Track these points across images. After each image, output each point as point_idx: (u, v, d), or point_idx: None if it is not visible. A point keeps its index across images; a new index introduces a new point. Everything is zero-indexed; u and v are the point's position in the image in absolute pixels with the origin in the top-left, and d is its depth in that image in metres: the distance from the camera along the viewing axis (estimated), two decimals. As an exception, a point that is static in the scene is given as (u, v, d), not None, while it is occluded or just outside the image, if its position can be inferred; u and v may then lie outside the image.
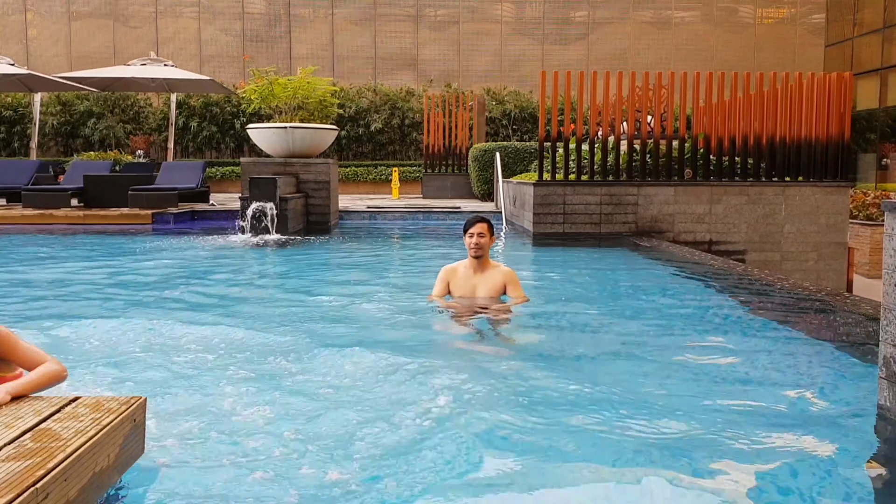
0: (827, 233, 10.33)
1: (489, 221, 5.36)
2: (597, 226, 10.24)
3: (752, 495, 2.34)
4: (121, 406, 2.37)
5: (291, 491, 2.34)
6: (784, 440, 2.82)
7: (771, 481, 2.44)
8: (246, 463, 2.58)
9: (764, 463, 2.59)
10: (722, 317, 5.27)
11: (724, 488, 2.40)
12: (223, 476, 2.45)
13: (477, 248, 5.27)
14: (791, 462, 2.60)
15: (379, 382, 3.56)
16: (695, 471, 2.51)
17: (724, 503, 2.28)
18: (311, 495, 2.33)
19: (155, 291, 6.28)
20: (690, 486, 2.39)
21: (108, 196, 13.25)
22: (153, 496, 2.32)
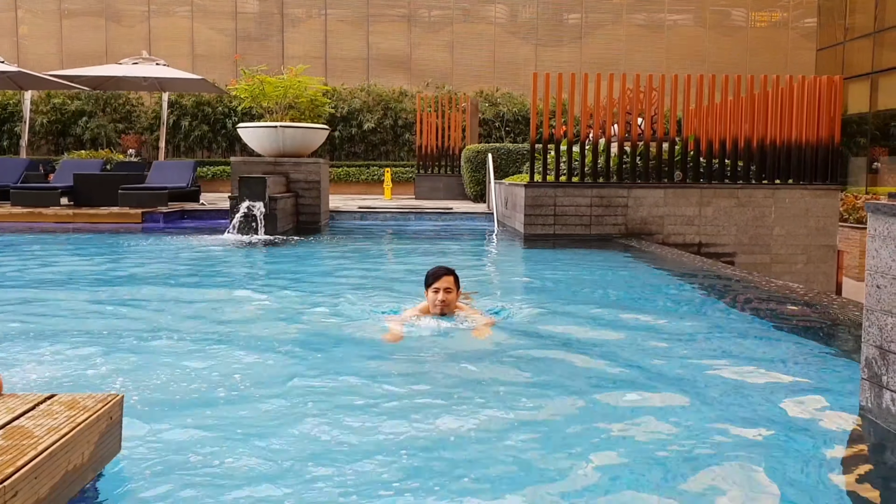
0: (816, 236, 10.36)
1: (455, 273, 4.69)
2: (587, 227, 10.24)
3: (730, 494, 2.33)
4: (97, 403, 2.35)
5: (269, 491, 2.32)
6: (765, 440, 2.81)
7: (750, 480, 2.44)
8: (224, 463, 2.56)
9: (744, 462, 2.58)
10: (707, 318, 5.28)
11: (701, 488, 2.39)
12: (200, 475, 2.43)
13: (443, 306, 4.57)
14: (771, 462, 2.60)
15: (357, 384, 3.55)
16: (672, 471, 2.50)
17: (700, 500, 2.27)
18: (290, 493, 2.31)
19: (139, 290, 6.25)
20: (668, 485, 2.39)
21: (98, 195, 13.19)
22: (129, 494, 2.30)
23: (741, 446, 2.75)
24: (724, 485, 2.41)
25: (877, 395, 2.94)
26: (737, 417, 3.07)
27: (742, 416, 3.07)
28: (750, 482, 2.44)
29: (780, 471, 2.53)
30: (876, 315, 2.93)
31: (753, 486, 2.41)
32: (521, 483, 2.41)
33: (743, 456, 2.64)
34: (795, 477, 2.48)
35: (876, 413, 2.94)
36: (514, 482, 2.42)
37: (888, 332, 2.86)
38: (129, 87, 19.34)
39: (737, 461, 2.59)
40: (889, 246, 2.86)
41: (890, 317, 2.85)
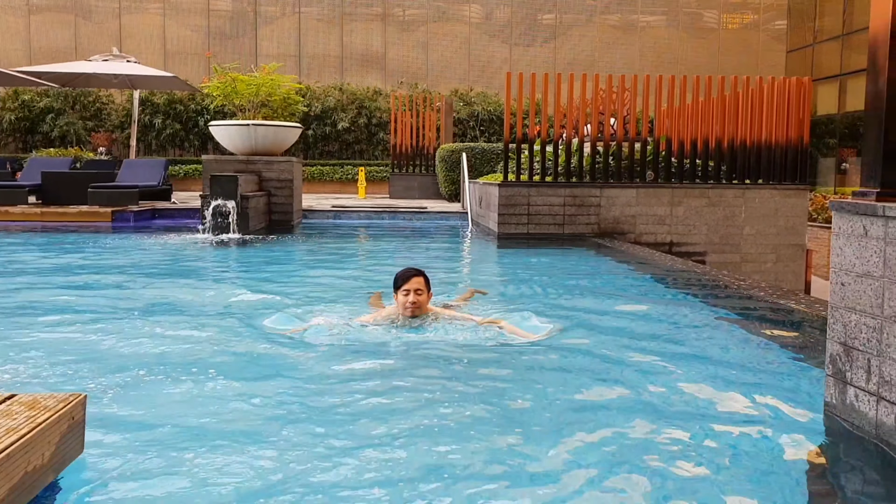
0: (786, 235, 10.49)
1: (425, 275, 4.58)
2: (560, 227, 10.28)
3: (693, 491, 2.35)
4: (58, 403, 2.31)
5: (235, 492, 2.30)
6: (729, 436, 2.84)
7: (714, 477, 2.45)
8: (187, 465, 2.53)
9: (708, 459, 2.60)
10: (676, 316, 5.31)
11: (665, 485, 2.40)
12: (163, 476, 2.40)
13: (414, 308, 4.47)
14: (735, 459, 2.62)
15: (329, 384, 3.53)
16: (636, 467, 2.51)
17: (665, 500, 2.28)
18: (255, 493, 2.29)
19: (106, 289, 6.17)
20: (632, 483, 2.39)
21: (67, 193, 13.01)
22: (91, 495, 2.26)
23: (704, 443, 2.77)
24: (685, 482, 2.43)
25: (841, 391, 2.97)
26: (700, 414, 3.09)
27: (706, 413, 3.09)
28: (712, 479, 2.45)
29: (743, 467, 2.55)
30: (840, 312, 2.97)
31: (715, 483, 2.43)
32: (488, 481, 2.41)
33: (706, 453, 2.66)
34: (759, 473, 2.50)
35: (840, 409, 2.97)
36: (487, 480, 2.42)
37: (852, 328, 2.89)
38: (99, 85, 19.09)
39: (700, 458, 2.61)
40: (853, 244, 2.90)
41: (854, 314, 2.88)
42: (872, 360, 2.78)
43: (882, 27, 2.96)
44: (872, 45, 2.99)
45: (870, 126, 2.99)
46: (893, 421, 2.68)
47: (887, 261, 2.71)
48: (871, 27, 3.00)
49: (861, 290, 2.84)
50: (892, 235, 2.69)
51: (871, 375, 2.79)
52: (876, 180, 2.93)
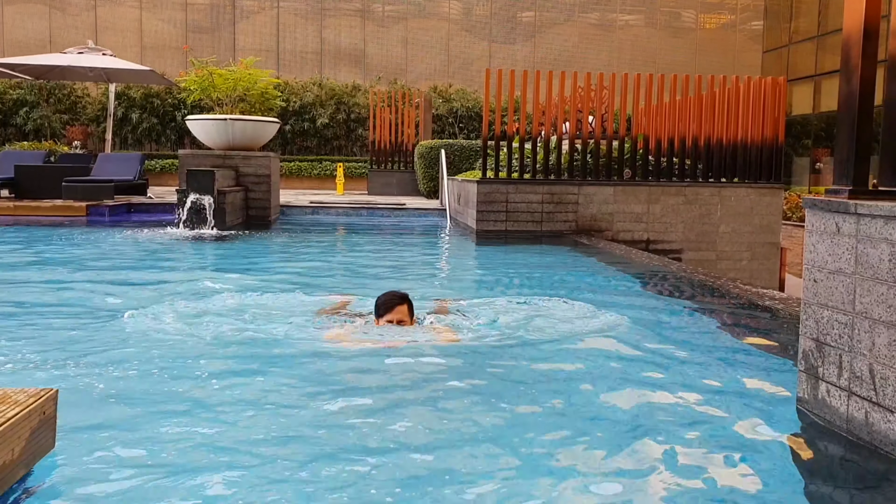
0: (760, 233, 10.60)
1: (409, 300, 4.15)
2: (538, 224, 10.31)
3: (665, 488, 2.36)
4: (29, 398, 2.28)
5: (209, 487, 2.28)
6: (701, 432, 2.86)
7: (686, 474, 2.47)
8: (160, 460, 2.51)
9: (680, 456, 2.62)
10: (650, 312, 5.35)
11: (637, 482, 2.42)
12: (136, 472, 2.37)
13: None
14: (706, 453, 2.64)
15: (298, 382, 3.51)
16: (609, 465, 2.53)
17: (635, 496, 2.30)
18: (230, 488, 2.27)
19: (79, 284, 6.10)
20: (606, 480, 2.41)
21: (40, 187, 12.84)
22: (63, 490, 2.24)
23: (676, 437, 2.79)
24: (658, 478, 2.45)
25: (813, 386, 3.01)
26: (671, 410, 3.11)
27: (678, 410, 3.12)
28: (682, 473, 2.47)
29: (715, 462, 2.57)
30: (813, 308, 3.01)
31: (684, 476, 2.45)
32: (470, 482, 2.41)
33: (676, 450, 2.68)
34: (729, 469, 2.52)
35: (812, 404, 3.01)
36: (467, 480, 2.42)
37: (824, 324, 2.93)
38: (74, 78, 18.85)
39: (670, 455, 2.63)
40: (825, 241, 2.94)
41: (826, 310, 2.92)
42: (844, 355, 2.82)
43: (855, 28, 2.99)
44: (845, 45, 3.03)
45: (843, 125, 3.02)
46: (864, 416, 2.71)
47: (859, 258, 2.74)
48: (844, 28, 3.03)
49: (833, 287, 2.88)
50: (864, 233, 2.72)
51: (842, 371, 2.83)
52: (848, 178, 2.97)
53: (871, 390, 2.67)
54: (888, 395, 2.59)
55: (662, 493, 2.35)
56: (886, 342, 2.59)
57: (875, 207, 2.68)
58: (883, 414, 2.62)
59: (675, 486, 2.37)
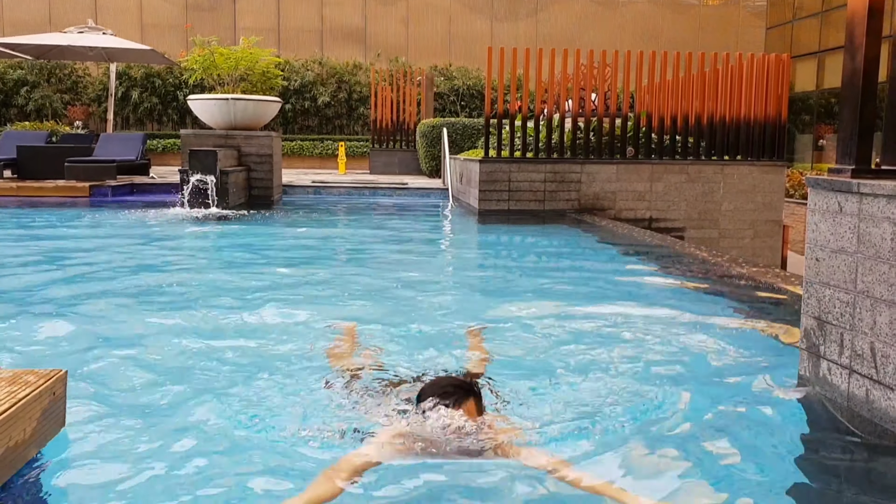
0: (763, 211, 10.59)
1: (477, 393, 2.60)
2: (541, 203, 10.30)
3: (667, 463, 2.39)
4: (39, 379, 2.31)
5: (217, 467, 2.31)
6: (703, 410, 2.89)
7: (688, 450, 2.50)
8: (171, 440, 2.54)
9: (682, 432, 2.65)
10: (654, 290, 5.38)
11: (639, 457, 2.45)
12: (144, 451, 2.41)
13: None
14: (708, 431, 2.67)
15: (301, 364, 3.55)
16: (611, 440, 2.56)
17: (639, 470, 2.33)
18: (237, 470, 2.31)
19: (85, 265, 6.13)
20: (607, 455, 2.44)
21: (43, 168, 12.83)
22: (73, 470, 2.27)
23: (678, 416, 2.82)
24: (659, 453, 2.48)
25: (814, 364, 3.04)
26: (674, 387, 3.14)
27: (681, 388, 3.14)
28: (684, 451, 2.50)
29: (717, 439, 2.60)
30: (815, 287, 3.02)
31: (687, 454, 2.48)
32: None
33: (681, 423, 2.72)
34: (731, 446, 2.55)
35: (814, 382, 3.04)
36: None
37: (826, 303, 2.95)
38: (74, 57, 18.75)
39: (673, 431, 2.66)
40: (827, 220, 2.95)
41: (828, 289, 2.94)
42: (845, 334, 2.84)
43: (860, 4, 2.98)
44: (850, 22, 3.02)
45: (846, 103, 3.02)
46: (864, 393, 2.74)
47: (861, 237, 2.76)
48: (848, 4, 3.02)
49: (835, 266, 2.89)
50: (867, 212, 2.73)
51: (843, 349, 2.85)
52: (851, 157, 2.97)
53: (871, 368, 2.69)
54: (889, 373, 2.61)
55: (660, 467, 2.38)
56: (888, 321, 2.61)
57: (878, 186, 2.68)
58: (883, 391, 2.64)
59: (672, 462, 2.40)
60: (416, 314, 4.50)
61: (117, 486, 2.15)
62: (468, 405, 2.44)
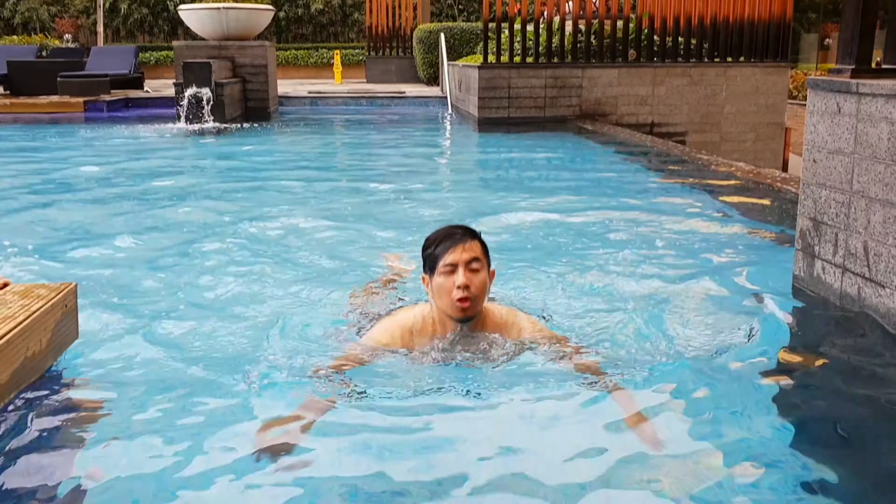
0: (766, 113, 10.48)
1: (481, 238, 2.45)
2: (541, 109, 10.19)
3: (665, 360, 2.47)
4: (51, 293, 2.37)
5: (226, 373, 2.40)
6: (699, 306, 2.96)
7: (681, 348, 2.58)
8: (181, 348, 2.62)
9: (676, 329, 2.73)
10: (654, 194, 5.41)
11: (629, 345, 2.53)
12: (157, 359, 2.49)
13: (464, 305, 2.34)
14: (703, 329, 2.75)
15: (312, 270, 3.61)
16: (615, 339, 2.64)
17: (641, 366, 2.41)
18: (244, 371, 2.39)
19: (89, 182, 6.15)
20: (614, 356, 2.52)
21: (35, 83, 12.64)
22: (89, 378, 2.36)
23: (675, 311, 2.89)
24: (660, 351, 2.56)
25: (809, 264, 3.09)
26: (671, 287, 3.21)
27: (678, 289, 3.21)
28: (680, 350, 2.58)
29: (711, 336, 2.68)
30: (811, 188, 3.05)
31: (684, 352, 2.56)
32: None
33: (676, 321, 2.79)
34: (727, 344, 2.63)
35: (808, 282, 3.10)
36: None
37: (822, 204, 2.98)
38: (59, -33, 18.21)
39: (669, 327, 2.74)
40: (826, 121, 2.95)
41: (824, 190, 2.96)
42: (840, 234, 2.88)
43: None
44: (856, -85, 2.93)
45: (848, 3, 2.97)
46: (856, 291, 2.81)
47: (858, 137, 2.76)
48: None
49: (832, 167, 2.91)
50: (865, 112, 2.73)
51: (837, 249, 2.90)
52: (852, 57, 2.94)
53: (864, 266, 2.75)
54: (880, 271, 2.67)
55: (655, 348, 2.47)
56: (881, 220, 2.65)
57: (876, 86, 2.67)
58: (874, 289, 2.70)
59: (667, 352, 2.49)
60: (416, 223, 4.54)
61: (131, 394, 2.23)
62: (472, 245, 2.37)
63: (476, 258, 2.35)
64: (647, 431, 2.03)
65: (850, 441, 2.04)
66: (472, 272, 2.33)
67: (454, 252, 2.34)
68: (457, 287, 2.31)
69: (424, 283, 2.45)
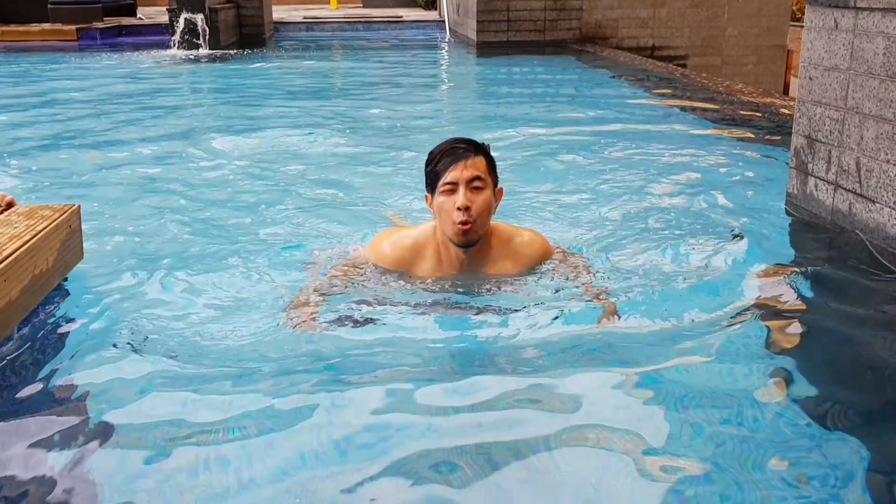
0: (768, 36, 10.33)
1: (487, 152, 2.29)
2: (541, 33, 10.04)
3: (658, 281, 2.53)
4: (55, 213, 2.41)
5: (227, 291, 2.46)
6: (692, 227, 3.02)
7: (675, 264, 2.64)
8: (183, 262, 2.68)
9: (670, 246, 2.78)
10: (653, 116, 5.41)
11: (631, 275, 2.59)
12: (162, 276, 2.55)
13: (465, 228, 2.20)
14: (697, 247, 2.80)
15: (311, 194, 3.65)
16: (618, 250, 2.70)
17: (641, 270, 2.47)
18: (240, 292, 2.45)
19: (87, 109, 6.12)
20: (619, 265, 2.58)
21: (24, 10, 12.39)
22: (95, 296, 2.42)
23: (670, 229, 2.95)
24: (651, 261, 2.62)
25: (802, 181, 3.13)
26: (667, 206, 3.26)
27: (673, 209, 3.25)
28: (674, 266, 2.64)
29: (705, 254, 2.74)
30: (807, 106, 3.06)
31: (678, 266, 2.62)
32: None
33: (669, 241, 2.85)
34: (722, 251, 2.69)
35: (801, 199, 3.14)
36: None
37: (816, 121, 2.99)
38: None
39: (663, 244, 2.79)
40: (823, 37, 2.93)
41: (819, 107, 2.97)
42: (833, 151, 2.90)
43: None
44: None
45: (850, -88, 2.92)
46: (848, 207, 2.85)
47: (854, 53, 2.76)
48: None
49: (827, 84, 2.91)
50: (861, 28, 2.72)
51: (830, 166, 2.93)
52: (851, -30, 2.91)
53: (856, 182, 2.78)
54: (871, 187, 2.70)
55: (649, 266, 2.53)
56: (874, 136, 2.67)
57: (874, 0, 2.65)
58: (865, 204, 2.74)
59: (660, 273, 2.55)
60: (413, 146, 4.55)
61: (136, 312, 2.29)
62: (476, 161, 2.20)
63: (478, 176, 2.18)
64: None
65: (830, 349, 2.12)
66: (473, 191, 2.17)
67: (455, 169, 2.18)
68: (457, 208, 2.15)
69: (427, 203, 2.32)
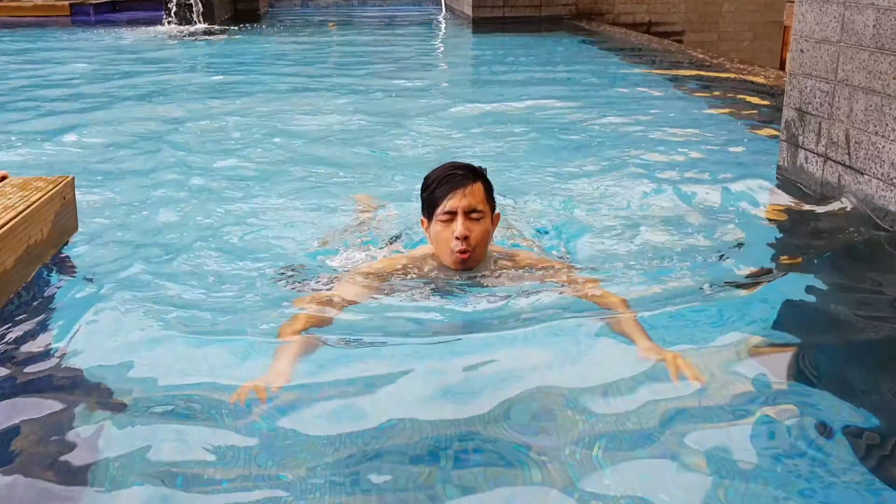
0: (765, 11, 10.28)
1: (485, 178, 2.23)
2: (537, 9, 9.99)
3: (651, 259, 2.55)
4: (48, 185, 2.43)
5: (220, 255, 2.48)
6: (684, 199, 3.04)
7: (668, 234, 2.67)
8: (178, 237, 2.70)
9: (664, 217, 2.81)
10: (647, 91, 5.41)
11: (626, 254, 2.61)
12: (155, 248, 2.57)
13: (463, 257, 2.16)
14: (691, 216, 2.83)
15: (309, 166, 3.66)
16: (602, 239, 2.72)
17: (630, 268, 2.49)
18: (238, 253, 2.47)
19: (81, 85, 6.10)
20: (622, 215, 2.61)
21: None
22: (90, 266, 2.43)
23: (664, 202, 2.97)
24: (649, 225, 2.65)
25: (792, 154, 3.15)
26: (662, 177, 3.28)
27: (668, 179, 3.27)
28: (668, 236, 2.66)
29: (698, 217, 2.77)
30: (798, 79, 3.07)
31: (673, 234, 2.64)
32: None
33: (667, 208, 2.87)
34: (712, 228, 2.71)
35: (791, 171, 3.16)
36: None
37: (807, 94, 3.01)
38: None
39: (658, 218, 2.82)
40: (814, 10, 2.94)
41: (810, 80, 2.98)
42: (823, 123, 2.92)
43: None
44: None
45: None
46: (836, 179, 2.87)
47: (845, 25, 2.77)
48: None
49: (818, 56, 2.93)
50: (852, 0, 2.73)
51: (820, 138, 2.95)
52: (843, -58, 2.91)
53: (845, 155, 2.80)
54: (860, 158, 2.73)
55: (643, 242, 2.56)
56: (863, 108, 2.69)
57: (865, -29, 2.66)
58: (854, 176, 2.77)
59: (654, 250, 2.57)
60: (408, 123, 4.56)
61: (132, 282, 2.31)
62: (474, 189, 2.13)
63: (476, 209, 2.11)
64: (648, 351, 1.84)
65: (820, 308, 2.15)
66: (472, 221, 2.11)
67: (453, 198, 2.11)
68: (455, 238, 2.10)
69: (423, 227, 2.23)
